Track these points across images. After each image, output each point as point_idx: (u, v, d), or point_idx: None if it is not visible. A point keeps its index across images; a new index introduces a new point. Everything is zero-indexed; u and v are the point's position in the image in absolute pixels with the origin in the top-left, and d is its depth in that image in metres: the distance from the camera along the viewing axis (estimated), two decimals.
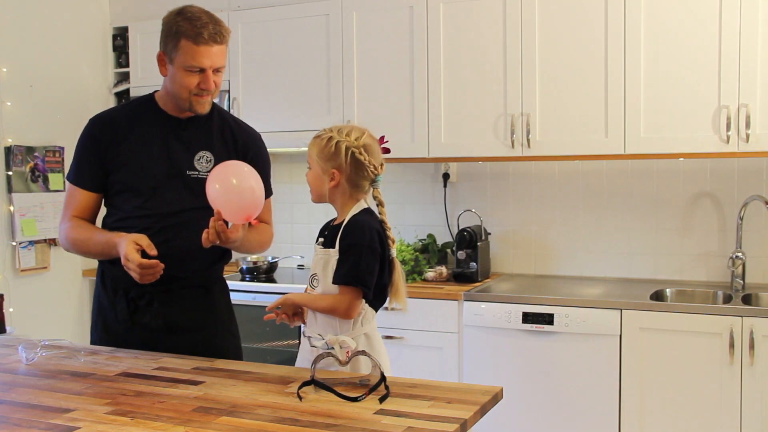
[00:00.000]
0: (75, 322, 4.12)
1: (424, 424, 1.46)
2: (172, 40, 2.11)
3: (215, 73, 2.15)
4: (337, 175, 1.95)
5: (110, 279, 2.25)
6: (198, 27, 2.08)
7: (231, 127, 2.30)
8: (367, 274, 1.89)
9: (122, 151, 2.20)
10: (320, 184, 1.99)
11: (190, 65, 2.10)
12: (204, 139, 2.24)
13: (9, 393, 1.74)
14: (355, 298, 1.90)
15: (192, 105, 2.17)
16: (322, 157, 1.96)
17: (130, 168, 2.19)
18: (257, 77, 3.90)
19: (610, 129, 3.24)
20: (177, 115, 2.23)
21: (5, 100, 3.71)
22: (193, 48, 2.09)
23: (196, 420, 1.52)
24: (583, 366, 3.09)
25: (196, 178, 2.19)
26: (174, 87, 2.16)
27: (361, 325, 1.94)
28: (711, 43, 3.07)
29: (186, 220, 2.18)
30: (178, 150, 2.22)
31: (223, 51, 2.15)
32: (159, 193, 2.18)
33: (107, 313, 2.26)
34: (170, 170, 2.19)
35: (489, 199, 3.85)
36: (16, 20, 3.79)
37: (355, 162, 1.95)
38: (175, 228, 2.17)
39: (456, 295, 3.30)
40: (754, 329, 2.83)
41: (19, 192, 3.74)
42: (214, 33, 2.10)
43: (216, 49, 2.11)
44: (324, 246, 2.01)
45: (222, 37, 2.12)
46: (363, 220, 1.96)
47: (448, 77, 3.52)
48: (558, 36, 3.31)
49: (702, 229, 3.47)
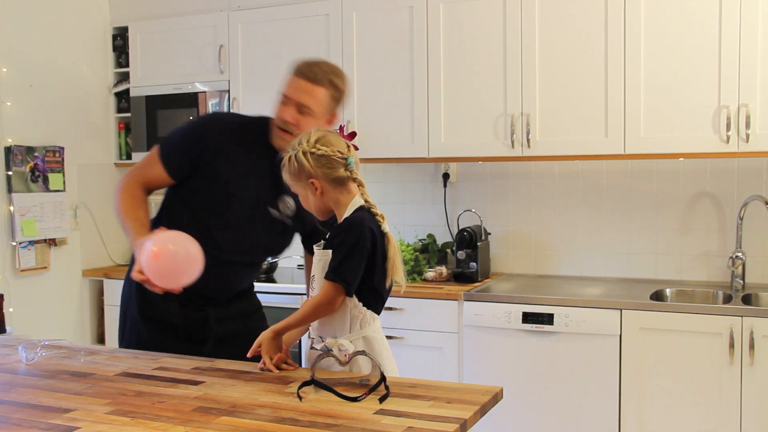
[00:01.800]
0: (75, 322, 4.12)
1: (424, 424, 1.46)
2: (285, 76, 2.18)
3: (300, 113, 2.12)
4: (316, 182, 1.92)
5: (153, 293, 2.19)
6: (306, 64, 2.15)
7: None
8: (349, 272, 1.86)
9: (220, 163, 2.17)
10: (316, 201, 1.96)
11: (281, 93, 2.16)
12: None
13: (9, 393, 1.74)
14: (336, 293, 1.87)
15: (272, 137, 2.18)
16: (294, 178, 1.94)
17: (215, 184, 2.17)
18: (257, 77, 3.90)
19: (610, 129, 3.24)
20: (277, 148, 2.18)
21: (5, 100, 3.71)
22: (289, 78, 2.15)
23: (196, 420, 1.52)
24: (583, 366, 3.09)
25: (275, 219, 2.21)
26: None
27: (360, 328, 1.92)
28: (711, 43, 3.07)
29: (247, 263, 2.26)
30: (269, 183, 2.20)
31: (316, 92, 2.12)
32: (234, 221, 2.17)
33: (157, 307, 2.21)
34: (255, 200, 2.19)
35: (489, 199, 3.85)
36: (16, 20, 3.79)
37: (319, 160, 1.90)
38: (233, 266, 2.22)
39: (456, 295, 3.30)
40: (754, 329, 2.83)
41: (19, 192, 3.74)
42: (315, 72, 2.12)
43: (307, 86, 2.11)
44: (323, 248, 2.00)
45: (318, 79, 2.11)
46: (355, 218, 1.92)
47: (448, 77, 3.52)
48: (558, 36, 3.31)
49: (702, 229, 3.47)
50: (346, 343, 1.86)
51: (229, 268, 2.22)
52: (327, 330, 1.92)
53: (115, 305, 4.02)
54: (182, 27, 4.07)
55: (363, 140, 3.63)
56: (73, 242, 4.09)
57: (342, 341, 1.86)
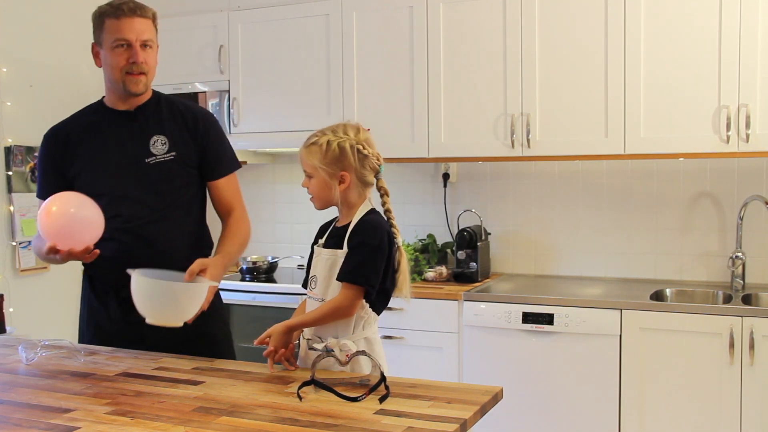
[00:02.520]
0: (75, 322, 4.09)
1: (424, 424, 1.46)
2: (98, 25, 2.18)
3: (144, 49, 2.17)
4: (347, 176, 1.90)
5: (99, 282, 2.26)
6: (116, 5, 2.15)
7: (180, 109, 2.31)
8: (372, 274, 1.86)
9: (78, 158, 2.22)
10: (328, 191, 1.92)
11: (115, 40, 2.14)
12: (155, 124, 2.25)
13: (9, 393, 1.74)
14: (357, 297, 1.87)
15: (125, 85, 2.18)
16: (326, 163, 1.89)
17: (88, 172, 2.20)
18: (257, 77, 3.90)
19: (610, 129, 3.24)
20: (126, 108, 2.25)
21: (5, 100, 3.71)
22: (115, 23, 2.14)
23: (196, 420, 1.52)
24: (583, 366, 3.09)
25: (155, 163, 2.20)
26: (108, 71, 2.20)
27: (363, 329, 1.92)
28: (711, 43, 3.07)
29: (158, 218, 2.19)
30: (132, 141, 2.22)
31: (148, 25, 2.18)
32: (122, 191, 2.18)
33: (99, 314, 2.27)
34: (127, 163, 2.19)
35: (489, 199, 3.85)
36: (16, 20, 3.79)
37: (362, 158, 1.91)
38: (148, 225, 2.18)
39: (456, 295, 3.30)
40: (754, 329, 2.83)
41: (19, 192, 3.74)
42: (133, 7, 2.15)
43: (139, 22, 2.15)
44: (327, 247, 1.97)
45: (143, 10, 2.16)
46: (374, 220, 1.92)
47: (448, 77, 3.52)
48: (558, 36, 3.31)
49: (702, 229, 3.47)
50: (349, 343, 1.85)
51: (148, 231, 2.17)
52: (328, 330, 1.91)
53: None
54: (182, 27, 4.06)
55: None
56: None
57: (345, 341, 1.86)
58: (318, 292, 1.94)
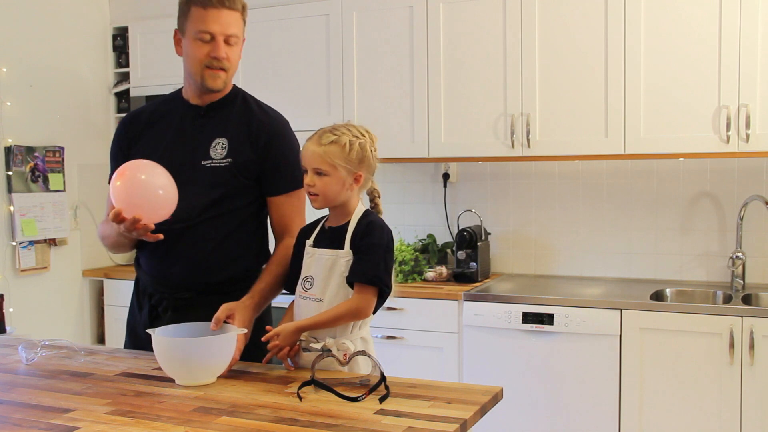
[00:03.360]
0: (75, 322, 4.12)
1: (424, 424, 1.46)
2: (184, 12, 2.04)
3: (228, 45, 2.03)
4: (362, 178, 1.89)
5: (141, 283, 2.20)
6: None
7: (253, 111, 2.15)
8: (386, 275, 1.86)
9: (141, 146, 2.13)
10: (341, 190, 1.88)
11: (198, 31, 2.00)
12: (221, 125, 2.11)
13: (9, 393, 1.74)
14: (374, 297, 1.86)
15: (204, 79, 2.05)
16: (350, 162, 1.85)
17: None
18: (257, 77, 3.90)
19: (610, 129, 3.24)
20: (198, 104, 2.13)
21: (5, 100, 3.71)
22: (201, 13, 1.99)
23: (196, 420, 1.52)
24: (583, 366, 3.09)
25: (210, 167, 2.06)
26: (187, 62, 2.06)
27: (359, 329, 1.91)
28: (711, 43, 3.07)
29: (200, 222, 2.05)
30: (194, 138, 2.10)
31: (236, 18, 2.03)
32: None
33: (136, 318, 2.21)
34: (184, 161, 2.06)
35: (489, 199, 3.85)
36: (16, 20, 3.79)
37: (375, 159, 1.92)
38: (189, 230, 2.05)
39: (456, 295, 3.30)
40: (754, 329, 2.83)
41: (19, 192, 3.74)
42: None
43: (226, 14, 2.00)
44: (321, 247, 1.94)
45: (233, 2, 2.01)
46: (380, 221, 1.92)
47: (448, 77, 3.52)
48: (558, 36, 3.32)
49: (702, 229, 3.47)
50: (348, 343, 1.85)
51: (187, 235, 2.05)
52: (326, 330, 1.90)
53: (115, 305, 4.05)
54: None
55: None
56: (73, 242, 4.09)
57: (343, 341, 1.86)
58: (316, 292, 1.91)
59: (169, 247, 2.03)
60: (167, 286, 2.12)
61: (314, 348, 1.86)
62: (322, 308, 1.87)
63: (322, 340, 1.87)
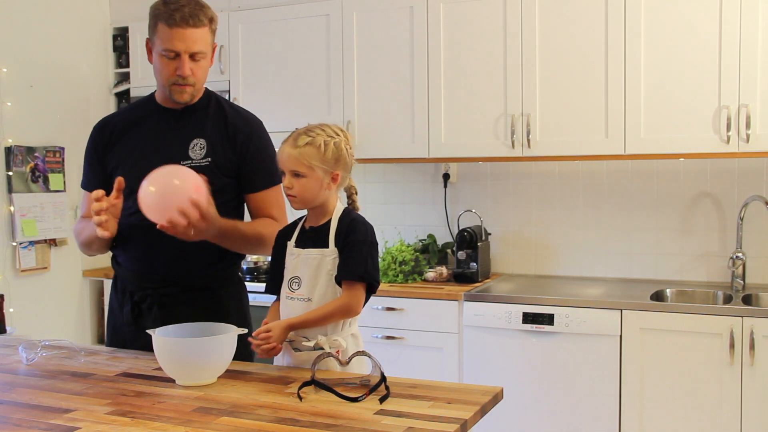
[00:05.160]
0: (75, 322, 4.12)
1: (424, 425, 1.46)
2: (151, 26, 2.07)
3: (193, 60, 2.05)
4: (339, 177, 1.90)
5: (120, 281, 2.23)
6: (171, 9, 2.00)
7: (227, 113, 2.20)
8: (374, 270, 1.88)
9: (117, 152, 2.19)
10: (319, 191, 1.89)
11: (164, 49, 2.03)
12: (198, 126, 2.16)
13: (9, 393, 1.74)
14: (363, 294, 1.88)
15: (171, 94, 2.10)
16: (325, 162, 1.86)
17: (123, 167, 2.15)
18: (257, 77, 3.90)
19: (610, 129, 3.24)
20: (173, 107, 2.17)
21: (5, 100, 3.71)
22: (166, 31, 2.01)
23: (196, 420, 1.52)
24: (583, 366, 3.09)
25: (191, 167, 2.05)
26: (156, 75, 2.12)
27: (349, 326, 1.92)
28: (711, 43, 3.07)
29: None
30: (171, 141, 2.15)
31: (202, 34, 2.04)
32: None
33: (116, 316, 2.24)
34: (162, 163, 2.06)
35: (489, 200, 3.85)
36: (16, 20, 3.79)
37: (351, 158, 1.93)
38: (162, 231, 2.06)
39: (456, 295, 3.30)
40: (754, 329, 2.83)
41: (20, 192, 3.74)
42: (188, 15, 2.00)
43: (191, 32, 2.01)
44: (305, 247, 1.94)
45: (198, 20, 2.02)
46: (361, 218, 1.94)
47: (448, 77, 3.52)
48: (558, 36, 3.31)
49: (702, 229, 3.47)
50: (341, 340, 1.86)
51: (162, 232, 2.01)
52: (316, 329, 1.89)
53: None
54: None
55: (363, 140, 3.64)
56: (74, 242, 4.04)
57: (335, 338, 1.86)
58: (304, 292, 1.90)
59: (153, 243, 2.06)
60: (150, 282, 2.16)
61: (306, 347, 1.87)
62: (311, 308, 1.87)
63: (313, 339, 1.86)
